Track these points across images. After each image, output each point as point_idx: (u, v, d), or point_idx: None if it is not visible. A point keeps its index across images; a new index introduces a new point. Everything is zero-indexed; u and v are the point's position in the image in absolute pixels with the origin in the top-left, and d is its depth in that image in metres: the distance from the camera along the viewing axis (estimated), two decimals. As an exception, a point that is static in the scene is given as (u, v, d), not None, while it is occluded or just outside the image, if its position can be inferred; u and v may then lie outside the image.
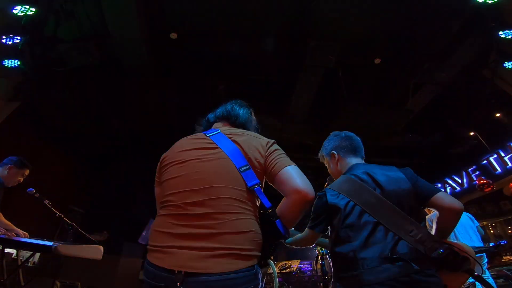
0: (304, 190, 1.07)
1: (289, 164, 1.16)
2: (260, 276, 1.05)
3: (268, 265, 1.13)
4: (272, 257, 1.14)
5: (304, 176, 1.12)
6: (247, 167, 1.14)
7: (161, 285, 0.99)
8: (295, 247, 1.78)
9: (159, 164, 1.32)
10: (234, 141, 1.22)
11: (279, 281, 12.26)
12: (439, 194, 1.38)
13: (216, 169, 1.14)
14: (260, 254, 1.07)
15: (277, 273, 14.37)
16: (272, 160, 1.18)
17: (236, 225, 1.04)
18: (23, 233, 2.80)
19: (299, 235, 1.71)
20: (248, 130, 1.39)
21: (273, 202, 1.13)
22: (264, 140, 1.25)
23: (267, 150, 1.20)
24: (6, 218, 2.82)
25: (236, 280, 0.97)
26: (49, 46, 4.64)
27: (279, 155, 1.19)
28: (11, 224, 2.79)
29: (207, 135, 1.29)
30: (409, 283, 1.19)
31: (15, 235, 2.74)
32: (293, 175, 1.11)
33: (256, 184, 1.12)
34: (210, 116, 1.51)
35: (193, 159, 1.19)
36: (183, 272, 0.96)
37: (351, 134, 1.80)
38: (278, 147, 1.25)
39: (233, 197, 1.09)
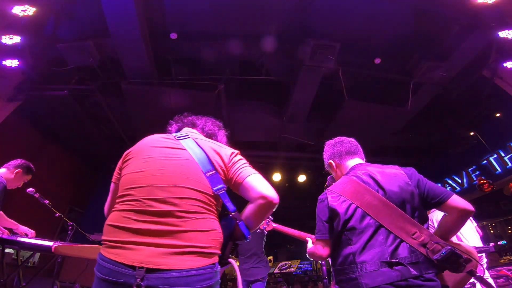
0: (270, 196, 1.14)
1: (253, 173, 1.23)
2: (219, 274, 1.10)
3: (229, 263, 1.19)
4: (233, 256, 1.19)
5: (268, 183, 1.19)
6: (213, 172, 1.20)
7: (119, 281, 0.97)
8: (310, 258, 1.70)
9: (121, 159, 1.32)
10: (201, 146, 1.27)
11: (279, 281, 12.30)
12: (454, 197, 1.35)
13: (182, 170, 1.18)
14: (220, 252, 1.13)
15: (277, 273, 14.42)
16: (236, 169, 1.24)
17: (199, 224, 1.08)
18: (30, 232, 2.82)
19: (312, 247, 1.60)
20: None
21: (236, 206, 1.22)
22: (229, 150, 1.32)
23: (231, 160, 1.26)
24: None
25: (199, 276, 1.00)
26: (49, 46, 4.64)
27: (242, 164, 1.26)
28: (16, 223, 2.80)
29: (177, 137, 1.33)
30: None
31: (24, 234, 2.75)
32: (258, 183, 1.18)
33: (221, 188, 1.18)
34: (186, 120, 1.60)
35: (158, 156, 1.22)
36: (144, 268, 0.96)
37: (342, 138, 1.79)
38: (241, 157, 1.31)
39: (198, 198, 1.13)
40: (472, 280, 1.48)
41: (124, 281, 0.97)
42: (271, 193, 1.15)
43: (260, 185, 1.17)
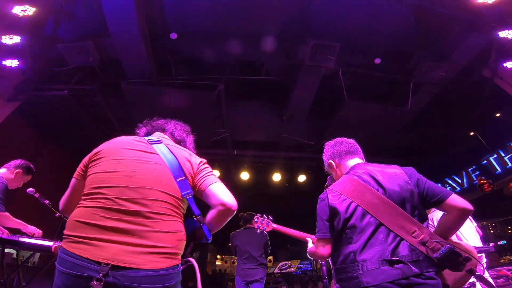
0: (228, 203, 1.23)
1: (216, 181, 1.32)
2: (181, 273, 1.17)
3: (189, 262, 1.27)
4: (193, 255, 1.31)
5: (228, 192, 1.28)
6: (183, 178, 1.28)
7: (83, 275, 0.98)
8: (312, 258, 1.72)
9: (89, 157, 1.34)
10: (174, 153, 1.34)
11: (279, 281, 12.31)
12: (453, 196, 1.36)
13: (154, 173, 1.24)
14: (182, 253, 1.20)
15: (277, 273, 14.42)
16: (201, 176, 1.33)
17: (167, 226, 1.14)
18: (38, 231, 2.82)
19: (312, 247, 1.61)
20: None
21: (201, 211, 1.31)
22: (197, 159, 1.41)
23: (199, 168, 1.36)
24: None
25: (164, 277, 1.06)
26: (49, 46, 4.64)
27: (208, 173, 1.35)
28: (24, 223, 2.80)
29: (150, 141, 1.38)
30: (408, 286, 1.19)
31: (33, 234, 2.76)
32: (219, 191, 1.27)
33: (189, 193, 1.27)
34: (155, 124, 1.68)
35: (131, 159, 1.26)
36: (110, 265, 0.98)
37: (342, 138, 1.80)
38: (208, 166, 1.41)
39: (168, 201, 1.19)
40: (472, 280, 1.48)
41: (87, 275, 0.97)
42: (230, 201, 1.24)
43: (221, 193, 1.26)
